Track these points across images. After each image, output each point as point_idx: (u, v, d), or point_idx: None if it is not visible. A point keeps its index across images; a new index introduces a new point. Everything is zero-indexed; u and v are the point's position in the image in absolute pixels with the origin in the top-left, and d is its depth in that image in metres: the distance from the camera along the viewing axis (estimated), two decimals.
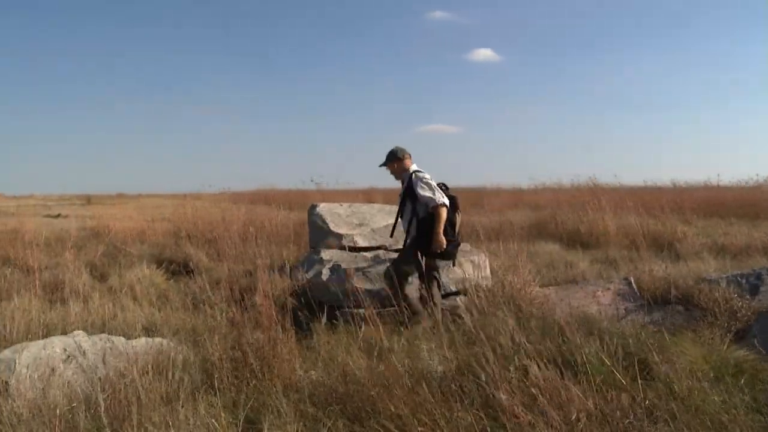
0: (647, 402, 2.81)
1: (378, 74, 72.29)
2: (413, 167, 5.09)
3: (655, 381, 3.06)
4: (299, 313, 4.66)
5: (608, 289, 5.65)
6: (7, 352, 3.49)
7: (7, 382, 3.22)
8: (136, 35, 61.60)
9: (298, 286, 5.53)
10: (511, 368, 3.01)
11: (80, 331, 3.90)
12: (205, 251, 8.36)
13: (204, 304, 5.07)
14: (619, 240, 9.02)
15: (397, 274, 4.80)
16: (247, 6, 64.98)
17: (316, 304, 5.08)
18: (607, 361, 3.11)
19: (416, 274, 4.91)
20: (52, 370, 3.38)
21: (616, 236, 9.17)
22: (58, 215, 15.60)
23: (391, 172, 5.21)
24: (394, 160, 5.15)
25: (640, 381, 2.91)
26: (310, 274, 5.68)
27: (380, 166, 5.23)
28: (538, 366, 2.87)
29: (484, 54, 67.62)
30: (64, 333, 4.10)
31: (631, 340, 3.50)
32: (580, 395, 2.71)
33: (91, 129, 63.82)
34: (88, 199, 23.85)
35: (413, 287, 4.94)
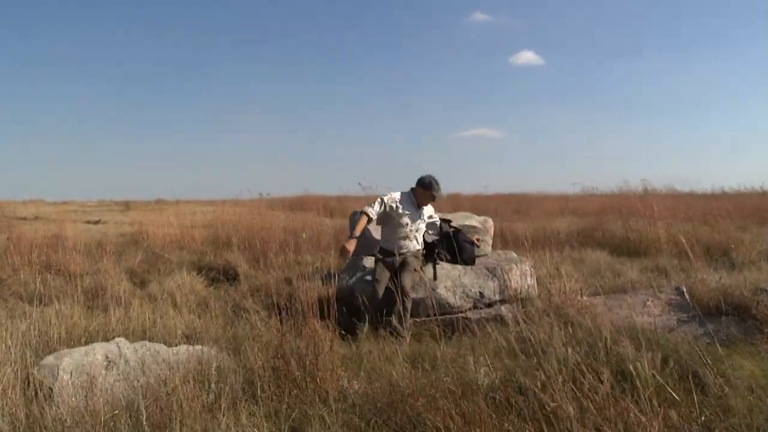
0: (703, 418, 2.71)
1: (418, 81, 72.17)
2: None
3: (710, 396, 2.96)
4: (342, 321, 4.67)
5: (659, 298, 5.50)
6: (50, 358, 3.53)
7: (50, 389, 3.26)
8: (174, 40, 62.99)
9: (340, 294, 5.55)
10: (560, 380, 2.95)
11: (121, 338, 3.94)
12: (245, 258, 8.44)
13: (245, 312, 5.13)
14: (669, 248, 8.77)
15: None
16: (281, 13, 65.72)
17: (358, 313, 5.08)
18: (658, 374, 3.01)
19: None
20: (94, 376, 3.40)
21: (667, 244, 8.93)
22: (98, 221, 15.88)
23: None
24: None
25: (695, 396, 2.81)
26: (353, 281, 5.69)
27: (440, 197, 5.53)
28: (592, 378, 2.80)
29: (527, 57, 66.78)
30: (106, 339, 4.15)
31: (683, 353, 3.39)
32: (635, 411, 2.64)
33: (131, 135, 65.22)
34: (127, 205, 24.17)
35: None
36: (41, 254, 8.27)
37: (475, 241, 5.93)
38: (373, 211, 5.32)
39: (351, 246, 5.14)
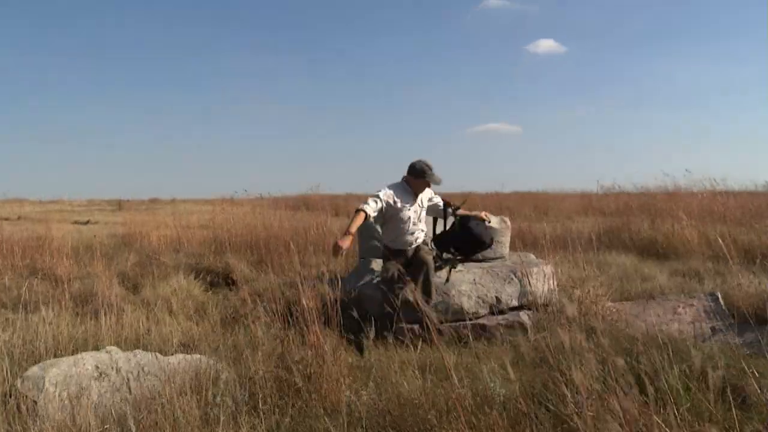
0: None
1: (428, 73, 72.20)
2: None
3: (752, 412, 2.91)
4: (348, 327, 4.65)
5: (691, 305, 5.45)
6: (35, 369, 3.50)
7: (35, 402, 3.22)
8: (173, 32, 63.39)
9: (347, 299, 5.54)
10: (583, 392, 2.91)
11: (113, 347, 3.92)
12: (245, 261, 8.45)
13: (245, 318, 5.13)
14: (702, 250, 8.69)
15: None
16: (287, 2, 66.03)
17: (366, 318, 5.07)
18: (692, 387, 2.97)
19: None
20: (83, 388, 3.37)
21: (699, 246, 8.85)
22: (88, 221, 15.90)
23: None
24: None
25: (735, 412, 2.77)
26: (360, 285, 5.68)
27: (435, 180, 5.39)
28: (619, 391, 2.76)
29: (546, 45, 66.58)
30: (96, 348, 4.13)
31: (720, 364, 3.34)
32: (667, 428, 2.60)
33: (122, 130, 65.50)
34: (119, 205, 24.24)
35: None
36: (25, 257, 8.29)
37: (484, 217, 5.77)
38: (370, 209, 5.14)
39: (345, 243, 4.88)
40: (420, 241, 5.45)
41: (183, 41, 64.38)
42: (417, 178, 5.32)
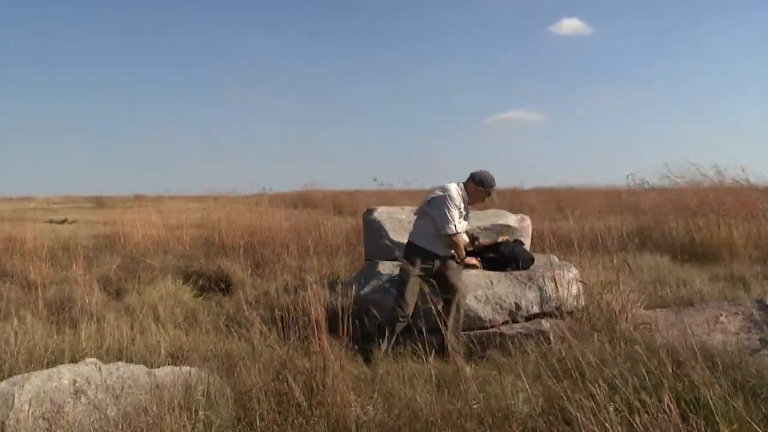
0: None
1: (442, 58, 71.89)
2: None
3: None
4: (354, 336, 4.66)
5: (736, 313, 5.43)
6: (4, 385, 3.42)
7: (3, 422, 3.18)
8: (156, 13, 63.44)
9: (352, 305, 5.54)
10: (612, 408, 2.91)
11: (93, 359, 3.88)
12: (241, 263, 8.47)
13: (241, 326, 5.14)
14: (748, 252, 8.66)
15: None
16: None
17: (373, 326, 5.07)
18: (739, 405, 2.95)
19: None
20: (60, 406, 3.33)
21: (744, 248, 8.81)
22: (64, 220, 15.91)
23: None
24: None
25: None
26: (367, 290, 5.69)
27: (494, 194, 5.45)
28: (654, 408, 2.76)
29: (571, 26, 66.13)
30: (74, 361, 4.11)
31: None
32: None
33: (101, 120, 65.48)
34: (100, 202, 24.31)
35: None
36: None
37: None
38: (459, 226, 5.17)
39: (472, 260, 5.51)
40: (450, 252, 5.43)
41: (168, 21, 64.47)
42: (481, 186, 5.29)
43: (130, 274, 8.05)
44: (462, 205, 5.20)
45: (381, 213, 6.72)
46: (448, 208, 5.08)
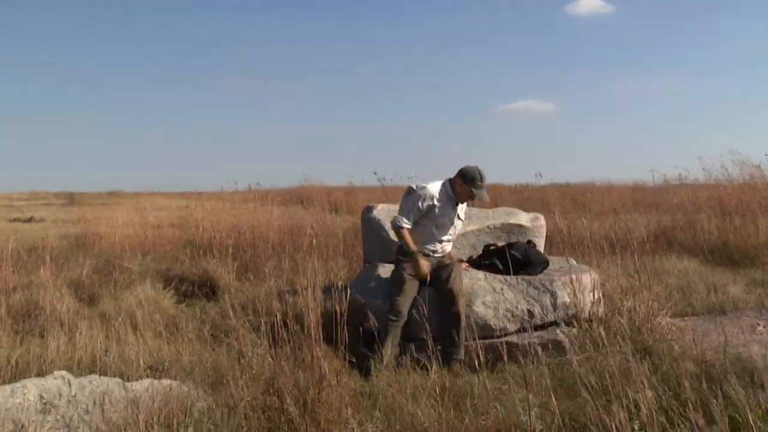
0: None
1: (448, 42, 71.69)
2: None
3: None
4: (352, 346, 4.66)
5: None
6: None
7: None
8: None
9: (349, 312, 5.54)
10: (636, 426, 2.92)
11: (62, 372, 3.82)
12: (228, 266, 8.47)
13: (228, 335, 5.15)
14: None
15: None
16: None
17: (373, 335, 5.07)
18: None
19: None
20: (24, 425, 3.29)
21: None
22: (31, 218, 15.97)
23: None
24: None
25: None
26: (365, 295, 5.69)
27: (481, 196, 5.48)
28: (683, 426, 2.76)
29: (590, 4, 66.21)
30: (41, 374, 4.08)
31: None
32: None
33: (72, 110, 65.17)
34: (71, 198, 24.22)
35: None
36: None
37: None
38: (409, 222, 5.38)
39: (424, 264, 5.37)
40: (444, 252, 5.52)
41: (145, 4, 64.49)
42: (463, 182, 5.40)
43: (104, 279, 8.03)
44: (439, 204, 5.40)
45: (381, 211, 6.72)
46: (406, 200, 5.47)
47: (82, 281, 7.83)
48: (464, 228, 6.20)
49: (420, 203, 5.35)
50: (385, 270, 5.91)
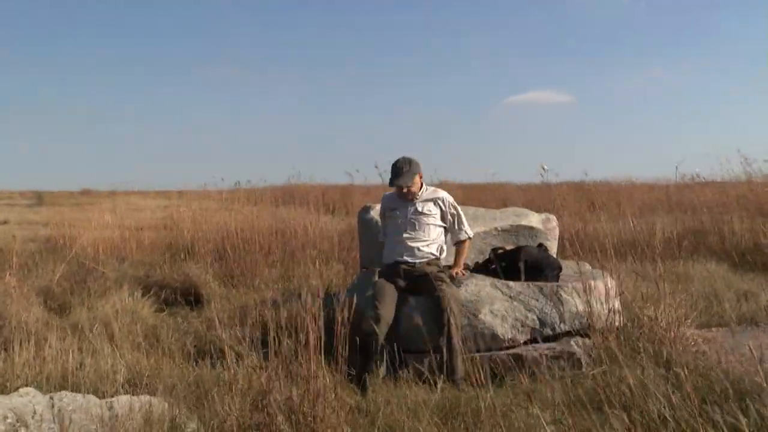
0: None
1: (454, 28, 71.70)
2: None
3: None
4: (349, 359, 4.67)
5: None
6: None
7: None
8: None
9: (345, 321, 5.54)
10: None
11: (29, 389, 3.77)
12: (213, 271, 8.47)
13: (213, 347, 5.14)
14: None
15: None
16: None
17: (371, 345, 5.07)
18: None
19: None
20: None
21: None
22: None
23: (413, 191, 5.68)
24: (419, 173, 5.73)
25: None
26: (362, 304, 5.68)
27: (397, 184, 5.63)
28: None
29: None
30: (5, 392, 4.04)
31: None
32: None
33: (42, 101, 64.90)
34: (39, 198, 24.15)
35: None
36: None
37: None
38: (384, 236, 5.91)
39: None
40: (420, 258, 5.57)
41: None
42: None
43: (77, 286, 7.98)
44: (394, 207, 5.81)
45: (379, 212, 6.72)
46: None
47: (52, 289, 7.79)
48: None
49: (382, 214, 5.86)
50: None
